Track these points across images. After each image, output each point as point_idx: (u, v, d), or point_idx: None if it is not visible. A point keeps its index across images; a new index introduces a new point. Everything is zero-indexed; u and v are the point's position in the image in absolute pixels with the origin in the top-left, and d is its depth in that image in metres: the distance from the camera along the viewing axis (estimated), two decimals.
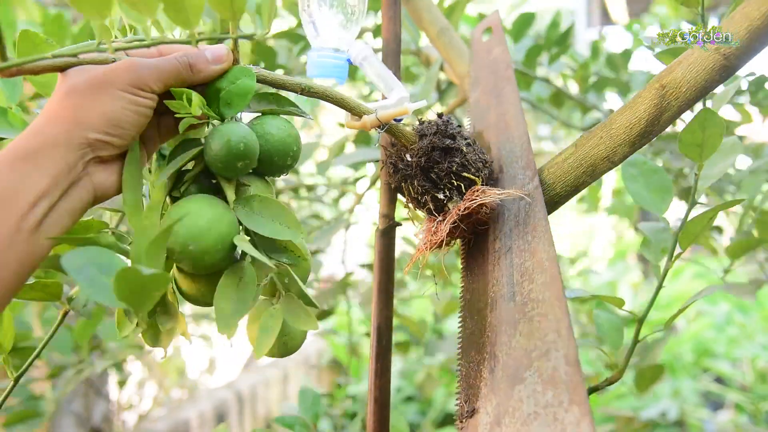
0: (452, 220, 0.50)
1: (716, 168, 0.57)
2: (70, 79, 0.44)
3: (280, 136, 0.49)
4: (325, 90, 0.50)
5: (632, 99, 0.47)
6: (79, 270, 0.38)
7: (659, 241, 0.62)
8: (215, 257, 0.45)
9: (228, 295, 0.45)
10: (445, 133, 0.52)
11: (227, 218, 0.46)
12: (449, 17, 0.96)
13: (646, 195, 0.62)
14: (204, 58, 0.46)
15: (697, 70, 0.42)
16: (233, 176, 0.48)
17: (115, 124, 0.43)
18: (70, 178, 0.43)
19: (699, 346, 2.43)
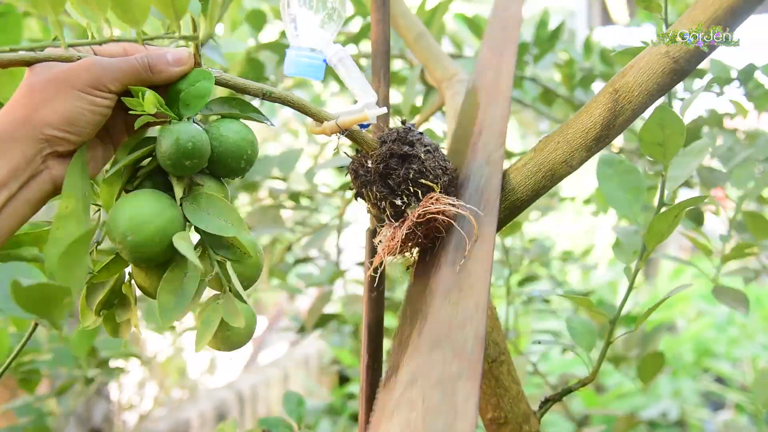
0: (408, 226, 0.51)
1: (684, 169, 0.57)
2: (34, 75, 0.45)
3: (234, 139, 0.51)
4: (286, 96, 0.51)
5: (587, 104, 0.47)
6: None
7: (631, 244, 0.63)
8: (153, 250, 0.47)
9: (171, 289, 0.47)
10: (404, 140, 0.53)
11: (169, 213, 0.48)
12: (431, 20, 0.97)
13: (620, 196, 0.63)
14: (165, 59, 0.48)
15: (648, 74, 0.43)
16: (183, 174, 0.49)
17: (71, 122, 0.45)
18: (28, 171, 0.45)
19: (699, 346, 2.42)
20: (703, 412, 2.19)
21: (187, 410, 2.03)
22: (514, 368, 0.63)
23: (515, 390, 0.63)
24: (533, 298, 1.29)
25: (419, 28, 0.84)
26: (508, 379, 0.62)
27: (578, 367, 2.29)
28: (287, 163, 1.12)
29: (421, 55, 0.84)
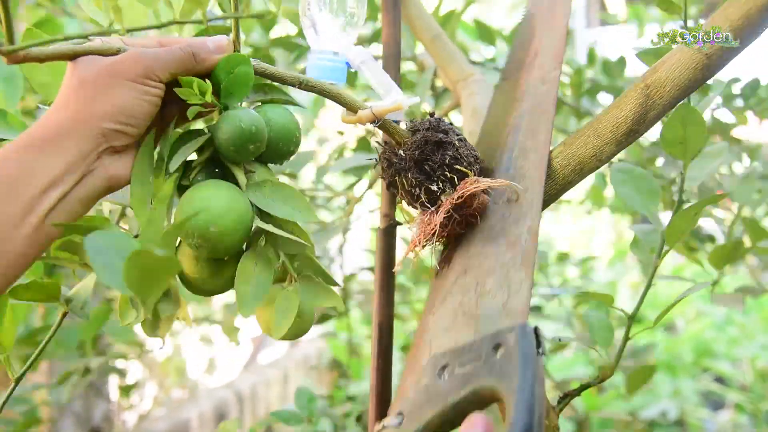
0: (446, 209, 0.51)
1: (703, 170, 0.57)
2: (80, 70, 0.45)
3: (282, 122, 0.51)
4: (323, 85, 0.51)
5: (618, 99, 0.47)
6: (99, 252, 0.37)
7: (649, 241, 0.63)
8: (235, 238, 0.46)
9: (247, 279, 0.47)
10: (437, 128, 0.53)
11: (243, 201, 0.48)
12: (445, 25, 0.98)
13: (636, 197, 0.63)
14: (207, 47, 0.48)
15: (680, 69, 0.43)
16: (245, 160, 0.49)
17: (127, 113, 0.44)
18: (83, 167, 0.44)
19: (699, 346, 2.44)
20: (703, 412, 2.20)
21: (186, 410, 2.02)
22: None
23: None
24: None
25: (436, 29, 0.85)
26: None
27: (577, 368, 2.30)
28: (298, 162, 1.12)
29: (437, 55, 0.84)
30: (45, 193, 0.42)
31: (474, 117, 0.77)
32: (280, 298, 0.49)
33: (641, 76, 0.46)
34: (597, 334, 0.65)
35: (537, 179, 0.50)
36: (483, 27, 1.14)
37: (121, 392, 1.59)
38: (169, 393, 2.16)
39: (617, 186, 0.63)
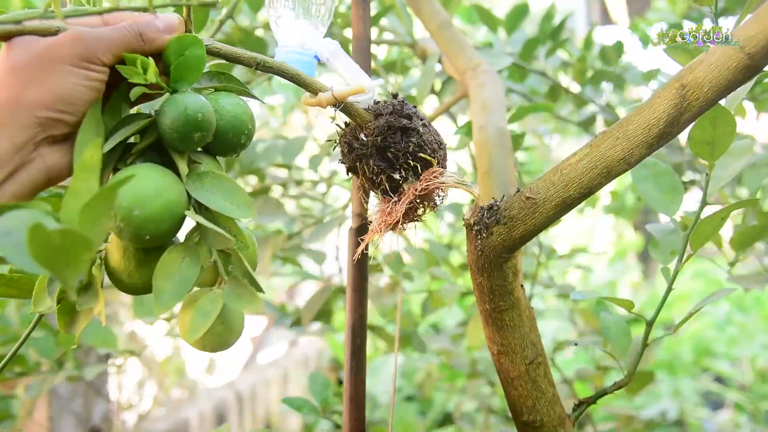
0: (408, 200, 0.49)
1: (728, 169, 0.56)
2: (14, 54, 0.41)
3: (234, 112, 0.48)
4: (281, 65, 0.48)
5: (650, 98, 0.46)
6: (7, 233, 0.34)
7: (668, 243, 0.61)
8: (161, 227, 0.43)
9: (169, 274, 0.43)
10: (401, 112, 0.51)
11: (177, 188, 0.44)
12: (444, 9, 0.96)
13: (657, 196, 0.62)
14: (155, 26, 0.44)
15: (720, 70, 0.41)
16: (187, 149, 0.46)
17: (65, 100, 0.41)
18: (16, 159, 0.40)
19: (699, 346, 2.43)
20: (703, 412, 2.20)
21: (186, 410, 2.00)
22: (550, 370, 0.62)
23: (551, 393, 0.61)
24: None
25: (443, 16, 0.83)
26: (545, 381, 0.61)
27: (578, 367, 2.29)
28: (291, 151, 1.10)
29: (443, 44, 0.82)
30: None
31: (484, 110, 0.75)
32: (203, 299, 0.44)
33: (676, 75, 0.44)
34: (615, 340, 0.63)
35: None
36: (483, 11, 1.13)
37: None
38: (169, 393, 2.15)
39: (639, 183, 0.61)
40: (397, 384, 2.23)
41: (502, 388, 0.62)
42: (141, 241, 0.43)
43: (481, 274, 0.55)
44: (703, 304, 0.58)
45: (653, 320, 0.62)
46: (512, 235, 0.51)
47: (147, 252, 0.46)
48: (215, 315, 0.43)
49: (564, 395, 1.20)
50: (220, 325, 0.46)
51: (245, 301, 0.44)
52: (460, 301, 1.43)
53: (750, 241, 0.75)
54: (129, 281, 0.46)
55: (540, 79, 1.19)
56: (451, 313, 2.21)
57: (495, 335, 0.59)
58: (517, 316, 0.58)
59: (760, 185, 0.86)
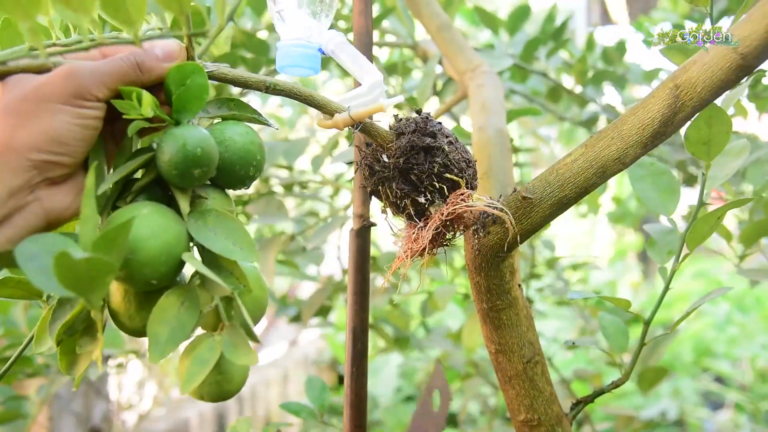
0: (435, 225, 0.47)
1: (725, 169, 0.56)
2: (6, 95, 0.39)
3: (242, 143, 0.45)
4: (292, 87, 0.46)
5: (644, 98, 0.46)
6: (31, 258, 0.34)
7: (666, 243, 0.62)
8: (157, 271, 0.40)
9: (165, 319, 0.40)
10: (424, 130, 0.48)
11: (175, 229, 0.41)
12: (446, 11, 0.96)
13: (654, 196, 0.62)
14: (154, 55, 0.42)
15: (713, 70, 0.41)
16: (188, 186, 0.43)
17: (59, 141, 0.39)
18: (10, 204, 0.38)
19: (699, 346, 2.43)
20: (703, 412, 2.20)
21: (186, 410, 2.01)
22: (547, 369, 0.62)
23: (548, 391, 0.62)
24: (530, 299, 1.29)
25: (443, 18, 0.83)
26: (542, 380, 0.61)
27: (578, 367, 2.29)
28: (293, 152, 1.10)
29: (443, 45, 0.83)
30: None
31: (483, 111, 0.76)
32: (202, 346, 0.41)
33: (670, 76, 0.45)
34: (612, 339, 0.64)
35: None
36: (485, 13, 1.14)
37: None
38: (169, 393, 2.15)
39: (635, 183, 0.61)
40: (397, 384, 2.23)
41: (500, 386, 0.62)
42: (138, 284, 0.41)
43: (479, 273, 0.55)
44: (701, 303, 0.59)
45: (650, 319, 0.63)
46: (509, 234, 0.51)
47: (147, 294, 0.43)
48: (212, 364, 0.41)
49: (563, 395, 1.21)
50: (219, 374, 0.43)
51: (241, 353, 0.41)
52: (462, 302, 1.43)
53: (757, 236, 0.75)
54: (130, 324, 0.44)
55: (541, 80, 1.20)
56: (451, 313, 2.21)
57: (492, 334, 0.59)
58: (514, 315, 0.58)
59: (764, 181, 0.86)
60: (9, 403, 1.06)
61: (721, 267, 2.84)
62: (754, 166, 0.88)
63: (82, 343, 0.44)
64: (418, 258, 0.50)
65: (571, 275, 1.43)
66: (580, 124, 1.25)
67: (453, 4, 1.03)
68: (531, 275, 1.27)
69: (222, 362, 0.43)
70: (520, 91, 1.17)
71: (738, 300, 2.62)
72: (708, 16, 0.51)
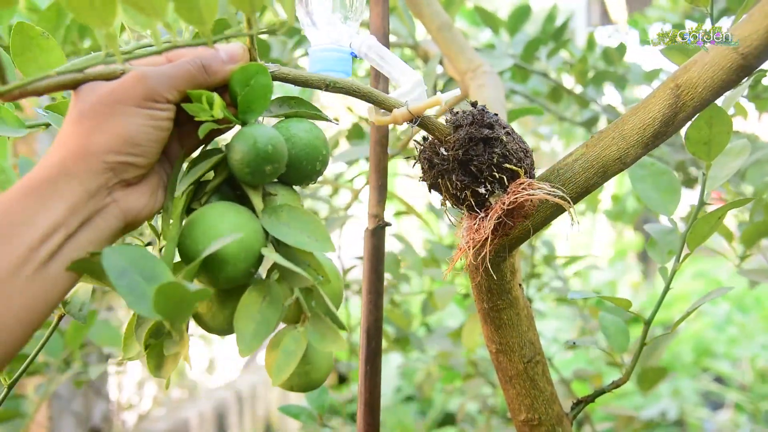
0: (496, 215, 0.47)
1: (725, 169, 0.56)
2: (80, 102, 0.41)
3: (308, 138, 0.46)
4: (352, 84, 0.47)
5: (645, 99, 0.46)
6: (121, 274, 0.35)
7: (666, 243, 0.62)
8: (238, 268, 0.42)
9: (250, 315, 0.42)
10: (482, 122, 0.48)
11: (253, 226, 0.43)
12: (446, 11, 0.97)
13: (654, 196, 0.62)
14: (219, 58, 0.43)
15: (714, 70, 0.41)
16: (260, 183, 0.45)
17: (133, 143, 0.40)
18: (90, 206, 0.40)
19: (699, 346, 2.44)
20: (703, 412, 2.20)
21: (186, 410, 2.01)
22: (548, 368, 0.62)
23: (549, 391, 0.62)
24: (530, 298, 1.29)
25: (443, 18, 0.83)
26: (543, 380, 0.61)
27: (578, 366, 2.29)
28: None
29: (444, 45, 0.83)
30: (47, 239, 0.38)
31: None
32: (287, 338, 0.43)
33: (671, 76, 0.45)
34: (612, 339, 0.64)
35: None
36: (485, 13, 1.14)
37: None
38: (169, 393, 2.15)
39: (636, 183, 0.62)
40: (396, 384, 2.23)
41: (501, 386, 0.62)
42: (219, 284, 0.43)
43: (479, 273, 0.55)
44: (701, 303, 0.59)
45: (651, 319, 0.63)
46: (509, 234, 0.51)
47: (228, 292, 0.44)
48: (300, 355, 0.42)
49: (563, 395, 1.21)
50: (306, 364, 0.45)
51: (328, 340, 0.43)
52: (462, 302, 1.43)
53: (757, 236, 0.75)
54: (213, 323, 0.45)
55: (542, 80, 1.20)
56: (452, 313, 2.21)
57: (493, 334, 0.59)
58: (515, 314, 0.58)
59: (763, 181, 0.86)
60: (7, 402, 1.07)
61: (721, 267, 2.84)
62: (753, 167, 0.89)
63: (168, 345, 0.45)
64: (481, 249, 0.50)
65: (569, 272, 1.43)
66: (581, 125, 1.26)
67: (454, 4, 1.03)
68: (531, 275, 1.27)
69: (308, 352, 0.44)
70: (520, 91, 1.17)
71: (738, 300, 2.63)
72: (708, 16, 0.51)
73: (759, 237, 0.74)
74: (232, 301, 0.43)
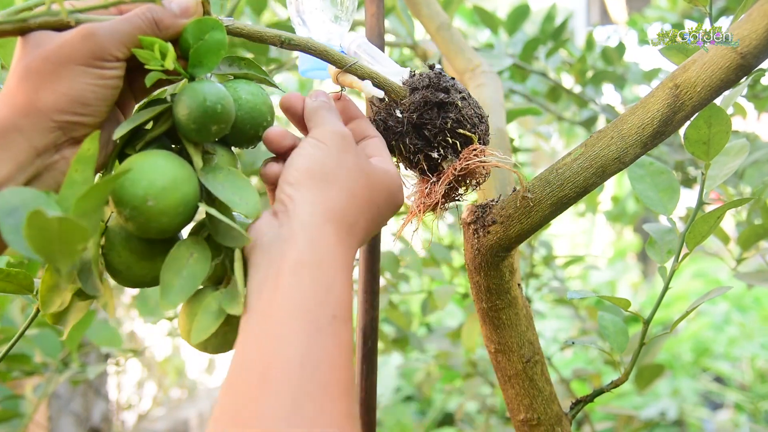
0: (447, 180, 0.47)
1: (724, 169, 0.56)
2: (27, 54, 0.39)
3: (254, 102, 0.45)
4: (308, 41, 0.46)
5: (644, 98, 0.46)
6: (10, 213, 0.34)
7: (665, 242, 0.62)
8: (174, 220, 0.41)
9: (177, 269, 0.41)
10: (438, 86, 0.48)
11: (194, 181, 0.42)
12: (445, 11, 0.97)
13: (653, 195, 0.62)
14: (170, 12, 0.42)
15: (713, 69, 0.41)
16: (203, 141, 0.43)
17: (82, 102, 0.39)
18: (38, 163, 0.39)
19: (698, 346, 2.43)
20: (702, 412, 2.20)
21: (185, 410, 2.01)
22: (547, 368, 0.62)
23: (548, 391, 0.62)
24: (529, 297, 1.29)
25: (442, 18, 0.83)
26: (542, 379, 0.61)
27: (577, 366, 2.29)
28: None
29: (442, 45, 0.83)
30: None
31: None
32: (210, 298, 0.42)
33: (669, 75, 0.45)
34: (611, 338, 0.64)
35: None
36: (484, 13, 1.14)
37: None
38: (168, 393, 2.15)
39: (635, 182, 0.61)
40: (396, 384, 2.23)
41: (500, 386, 0.62)
42: (149, 233, 0.41)
43: (478, 273, 0.55)
44: (701, 302, 0.59)
45: (650, 319, 0.63)
46: (508, 234, 0.51)
47: (150, 244, 0.43)
48: (224, 316, 0.41)
49: (562, 395, 1.21)
50: (226, 325, 0.43)
51: (235, 305, 0.41)
52: (461, 301, 1.43)
53: (756, 238, 0.75)
54: (127, 273, 0.44)
55: (541, 80, 1.20)
56: (451, 313, 2.21)
57: (492, 334, 0.59)
58: (514, 314, 0.58)
59: (762, 182, 0.86)
60: (6, 402, 1.06)
61: (721, 267, 2.84)
62: (752, 168, 0.88)
63: (87, 288, 0.43)
64: (430, 212, 0.50)
65: (568, 272, 1.43)
66: (580, 124, 1.26)
67: (452, 4, 1.03)
68: (530, 275, 1.27)
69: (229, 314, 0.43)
70: (519, 90, 1.17)
71: (737, 300, 2.62)
72: (707, 16, 0.51)
73: (757, 239, 0.74)
74: (152, 254, 0.43)
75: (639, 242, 3.15)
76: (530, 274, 1.26)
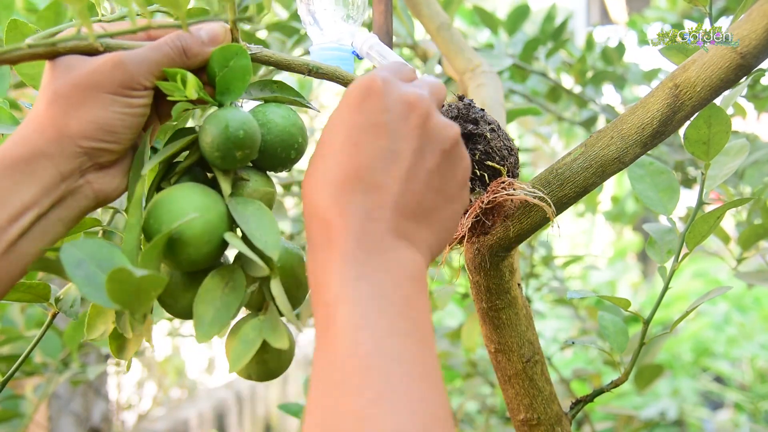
0: (474, 213, 0.47)
1: (724, 169, 0.56)
2: (56, 79, 0.40)
3: (284, 125, 0.45)
4: (335, 70, 0.46)
5: (644, 98, 0.46)
6: (77, 265, 0.35)
7: (665, 242, 0.62)
8: (200, 251, 0.40)
9: (211, 300, 0.41)
10: (466, 117, 0.48)
11: (218, 209, 0.42)
12: (445, 11, 0.97)
13: (653, 195, 0.62)
14: (199, 40, 0.42)
15: (713, 69, 0.41)
16: (230, 168, 0.43)
17: (108, 130, 0.40)
18: (63, 187, 0.40)
19: (698, 346, 2.44)
20: (702, 412, 2.20)
21: (185, 410, 2.01)
22: (547, 368, 0.62)
23: (548, 390, 0.62)
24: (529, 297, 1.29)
25: (442, 18, 0.83)
26: (542, 379, 0.61)
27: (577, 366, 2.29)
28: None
29: (443, 45, 0.83)
30: (18, 218, 0.38)
31: None
32: (247, 326, 0.42)
33: (669, 75, 0.45)
34: (611, 338, 0.64)
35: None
36: (484, 13, 1.14)
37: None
38: (168, 393, 2.15)
39: (635, 182, 0.61)
40: None
41: (500, 386, 0.62)
42: (182, 266, 0.42)
43: (478, 273, 0.55)
44: (701, 302, 0.59)
45: (650, 318, 0.63)
46: (508, 234, 0.51)
47: (192, 276, 0.44)
48: (258, 343, 0.41)
49: (562, 395, 1.21)
50: (265, 353, 0.43)
51: (277, 335, 0.42)
52: (461, 301, 1.43)
53: (756, 238, 0.75)
54: (176, 306, 0.44)
55: (541, 80, 1.20)
56: (451, 313, 2.21)
57: (492, 334, 0.59)
58: (513, 314, 0.58)
59: (762, 182, 0.86)
60: (6, 402, 1.06)
61: (721, 267, 2.84)
62: (752, 168, 0.89)
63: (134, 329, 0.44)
64: (456, 246, 0.50)
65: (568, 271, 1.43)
66: (580, 124, 1.26)
67: (452, 4, 1.03)
68: (530, 275, 1.27)
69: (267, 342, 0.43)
70: (519, 90, 1.17)
71: (737, 300, 2.62)
72: (707, 16, 0.51)
73: (757, 239, 0.74)
74: (195, 285, 0.43)
75: (639, 242, 3.15)
76: (530, 274, 1.26)
